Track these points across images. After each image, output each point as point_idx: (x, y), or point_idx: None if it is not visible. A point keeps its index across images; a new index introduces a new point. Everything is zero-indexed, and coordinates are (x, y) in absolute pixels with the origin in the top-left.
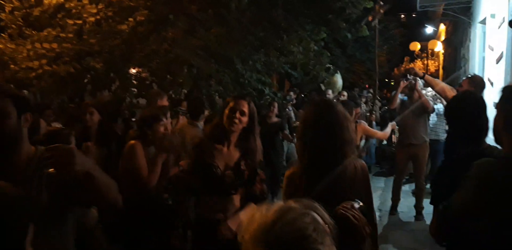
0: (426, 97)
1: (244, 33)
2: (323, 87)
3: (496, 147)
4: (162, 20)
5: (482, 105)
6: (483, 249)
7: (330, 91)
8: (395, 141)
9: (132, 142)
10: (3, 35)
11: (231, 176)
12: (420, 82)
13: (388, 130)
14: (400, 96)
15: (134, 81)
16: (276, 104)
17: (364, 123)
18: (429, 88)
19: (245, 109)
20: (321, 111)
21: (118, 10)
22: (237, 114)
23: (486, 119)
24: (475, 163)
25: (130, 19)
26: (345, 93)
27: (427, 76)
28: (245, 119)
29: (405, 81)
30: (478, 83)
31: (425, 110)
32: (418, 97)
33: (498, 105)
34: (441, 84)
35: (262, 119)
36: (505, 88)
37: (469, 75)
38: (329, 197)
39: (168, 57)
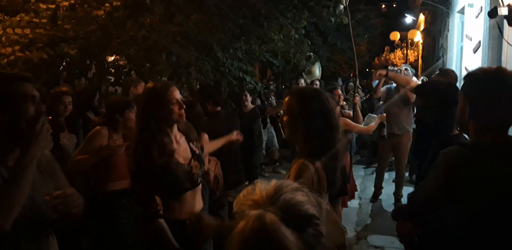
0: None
1: (224, 20)
2: (304, 76)
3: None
4: (139, 5)
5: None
6: (452, 235)
7: (302, 81)
8: (385, 134)
9: (98, 127)
10: None
11: (197, 165)
12: (410, 72)
13: (374, 123)
14: (388, 85)
15: (111, 69)
16: (247, 93)
17: (344, 118)
18: (415, 79)
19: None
20: (311, 100)
21: None
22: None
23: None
24: (442, 152)
25: (107, 4)
26: (317, 82)
27: (390, 73)
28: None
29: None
30: (449, 75)
31: (409, 101)
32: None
33: (461, 93)
34: (404, 77)
35: (239, 109)
36: (467, 75)
37: (440, 69)
38: None
39: (146, 44)
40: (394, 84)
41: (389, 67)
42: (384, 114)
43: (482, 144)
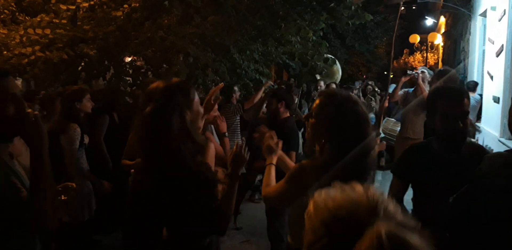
0: None
1: (241, 21)
2: (318, 78)
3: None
4: (157, 6)
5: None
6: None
7: (322, 83)
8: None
9: None
10: None
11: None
12: (426, 75)
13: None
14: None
15: (129, 70)
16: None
17: None
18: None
19: None
20: (344, 105)
21: None
22: None
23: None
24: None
25: (125, 5)
26: (333, 85)
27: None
28: None
29: (406, 77)
30: (446, 76)
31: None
32: (421, 91)
33: None
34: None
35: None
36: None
37: (439, 70)
38: None
39: (163, 45)
40: (412, 88)
41: (408, 71)
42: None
43: None
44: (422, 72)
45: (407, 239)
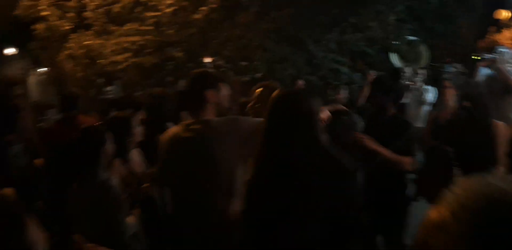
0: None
1: (316, 12)
2: (396, 63)
3: None
4: (235, 5)
5: None
6: None
7: (407, 69)
8: None
9: None
10: (89, 32)
11: None
12: (506, 55)
13: None
14: (484, 70)
15: (210, 69)
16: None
17: None
18: None
19: None
20: None
21: None
22: None
23: None
24: None
25: (202, 7)
26: (422, 71)
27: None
28: None
29: (482, 62)
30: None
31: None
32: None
33: None
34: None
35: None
36: None
37: None
38: None
39: (241, 42)
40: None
41: (482, 55)
42: None
43: None
44: (500, 52)
45: None
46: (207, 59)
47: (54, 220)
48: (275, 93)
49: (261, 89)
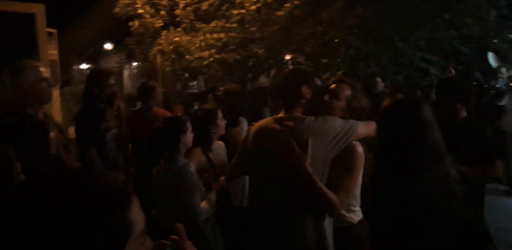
0: None
1: (404, 7)
2: (493, 63)
3: None
4: (319, 1)
5: None
6: None
7: (503, 70)
8: None
9: None
10: (179, 29)
11: None
12: None
13: None
14: None
15: (291, 67)
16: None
17: None
18: None
19: None
20: None
21: None
22: None
23: None
24: None
25: (286, 5)
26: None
27: None
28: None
29: None
30: None
31: None
32: None
33: None
34: None
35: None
36: None
37: None
38: None
39: (324, 39)
40: None
41: None
42: None
43: None
44: None
45: None
46: (287, 56)
47: (140, 201)
48: (390, 100)
49: (335, 85)
